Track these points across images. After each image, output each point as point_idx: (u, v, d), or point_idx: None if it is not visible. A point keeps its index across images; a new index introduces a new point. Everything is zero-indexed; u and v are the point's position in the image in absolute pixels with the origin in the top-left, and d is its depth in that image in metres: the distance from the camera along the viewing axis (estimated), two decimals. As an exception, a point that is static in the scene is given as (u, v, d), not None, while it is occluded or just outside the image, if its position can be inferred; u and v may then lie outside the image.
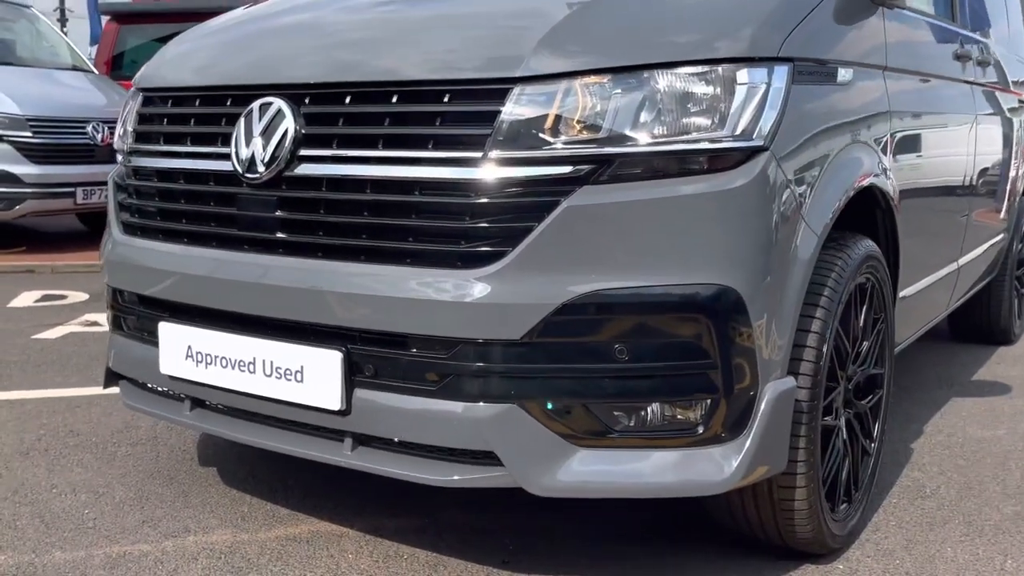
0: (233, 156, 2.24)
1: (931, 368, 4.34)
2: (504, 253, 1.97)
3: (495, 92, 2.01)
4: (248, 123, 2.24)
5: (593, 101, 1.98)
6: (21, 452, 3.13)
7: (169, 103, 2.54)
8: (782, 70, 2.09)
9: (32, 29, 8.85)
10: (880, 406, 2.67)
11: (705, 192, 1.98)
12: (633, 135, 1.97)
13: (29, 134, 7.24)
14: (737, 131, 2.00)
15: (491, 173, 1.98)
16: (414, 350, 2.06)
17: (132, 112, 2.64)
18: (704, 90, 2.00)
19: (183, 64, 2.61)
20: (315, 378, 2.13)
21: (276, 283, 2.19)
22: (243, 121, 2.25)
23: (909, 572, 2.39)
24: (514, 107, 1.99)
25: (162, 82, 2.58)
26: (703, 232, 1.99)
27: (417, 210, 2.04)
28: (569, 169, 1.97)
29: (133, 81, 2.72)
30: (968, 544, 2.54)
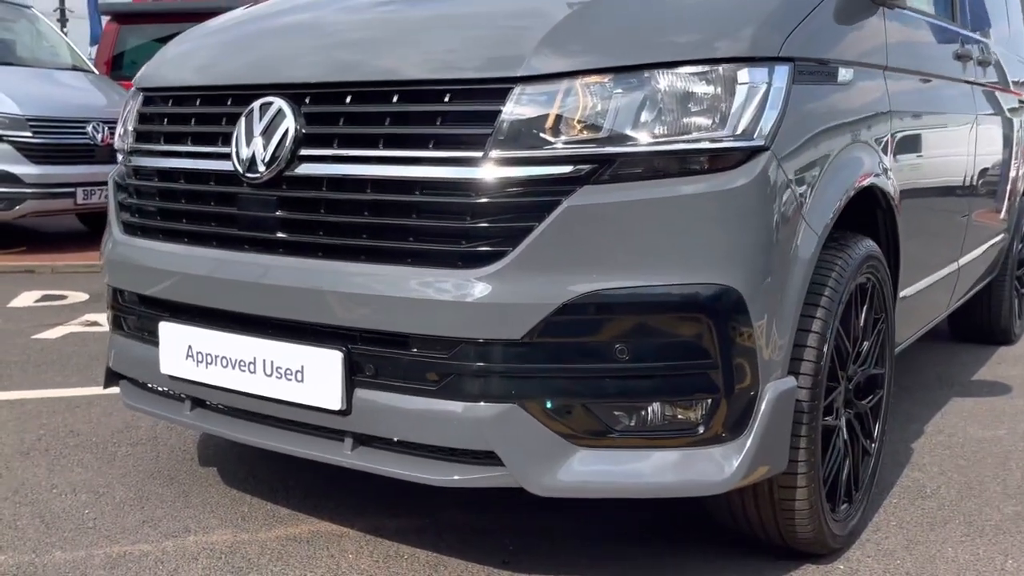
0: (233, 156, 2.24)
1: (932, 368, 4.34)
2: (505, 253, 1.96)
3: (496, 92, 2.01)
4: (249, 123, 2.24)
5: (594, 101, 1.98)
6: (21, 452, 3.13)
7: (170, 103, 2.54)
8: (783, 70, 2.09)
9: (32, 29, 8.85)
10: (880, 406, 2.67)
11: (706, 192, 1.98)
12: (634, 135, 1.97)
13: (29, 134, 7.24)
14: (738, 131, 2.00)
15: (492, 173, 1.98)
16: (415, 350, 2.06)
17: (132, 112, 2.64)
18: (705, 90, 2.00)
19: (184, 64, 2.61)
20: (315, 378, 2.13)
21: (276, 283, 2.19)
22: (244, 121, 2.25)
23: (910, 572, 2.39)
24: (515, 107, 1.98)
25: (163, 82, 2.58)
26: (704, 232, 1.99)
27: (418, 210, 2.04)
28: (570, 169, 1.97)
29: (134, 81, 2.72)
30: (969, 544, 2.54)
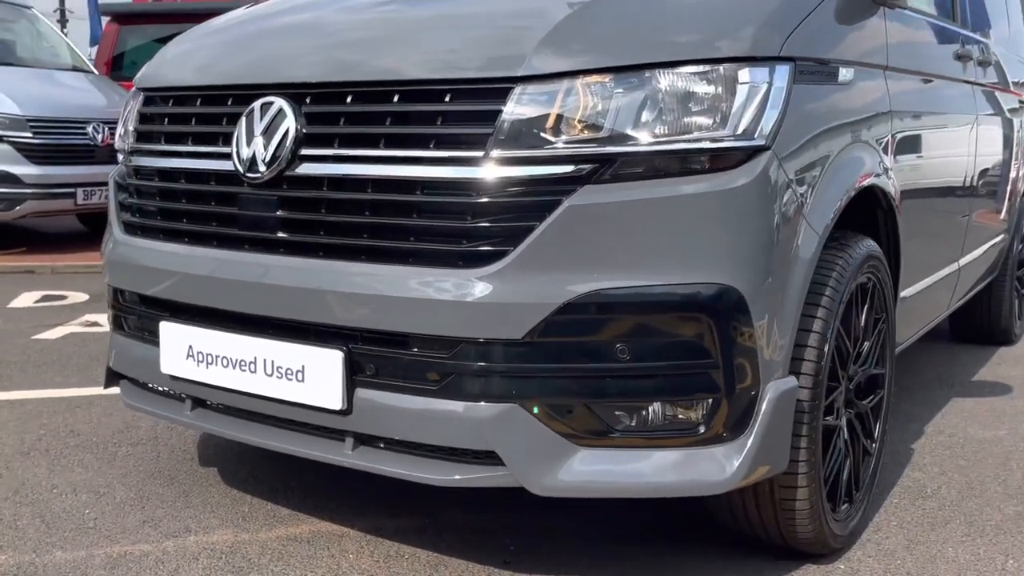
0: (234, 156, 2.24)
1: (932, 368, 4.34)
2: (505, 252, 1.96)
3: (496, 91, 2.01)
4: (249, 123, 2.24)
5: (595, 100, 1.98)
6: (22, 452, 3.12)
7: (170, 103, 2.54)
8: (783, 70, 2.09)
9: (32, 30, 8.85)
10: (881, 406, 2.67)
11: (707, 191, 1.98)
12: (635, 134, 1.97)
13: (29, 135, 7.24)
14: (739, 130, 2.00)
15: (492, 172, 1.98)
16: (415, 350, 2.06)
17: (133, 112, 2.64)
18: (705, 89, 2.00)
19: (184, 64, 2.61)
20: (316, 378, 2.13)
21: (277, 283, 2.19)
22: (244, 121, 2.25)
23: (910, 572, 2.38)
24: (515, 106, 1.98)
25: (163, 82, 2.58)
26: (704, 232, 1.98)
27: (418, 209, 2.04)
28: (571, 168, 1.97)
29: (134, 81, 2.72)
30: (969, 544, 2.54)
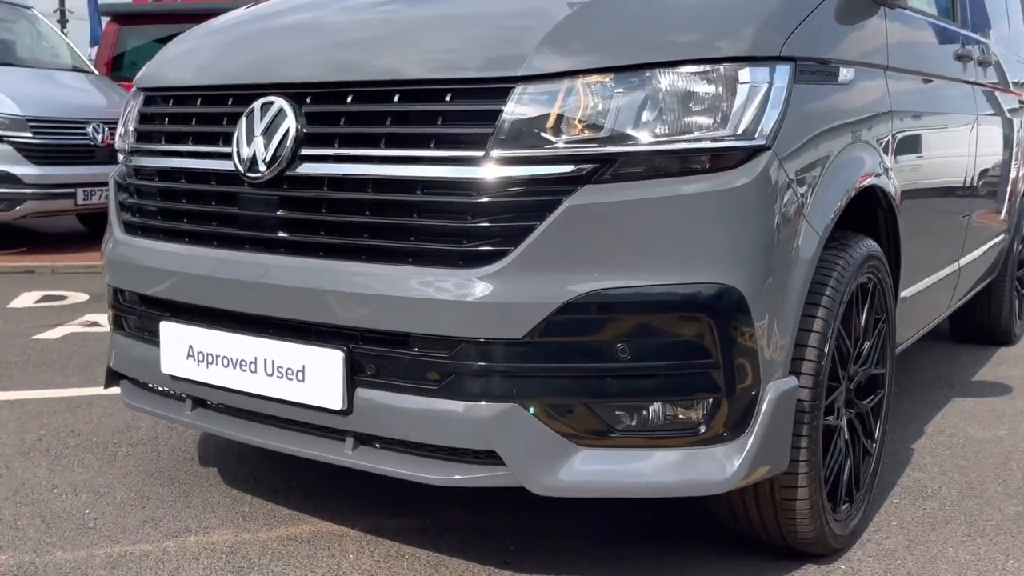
0: (234, 155, 2.24)
1: (932, 368, 4.34)
2: (506, 252, 1.96)
3: (497, 91, 2.01)
4: (249, 122, 2.24)
5: (595, 100, 1.98)
6: (22, 452, 3.12)
7: (170, 103, 2.54)
8: (784, 69, 2.09)
9: (32, 30, 8.85)
10: (881, 406, 2.67)
11: (707, 191, 1.98)
12: (635, 134, 1.97)
13: (29, 135, 7.24)
14: (739, 130, 2.00)
15: (493, 172, 1.98)
16: (415, 349, 2.06)
17: (133, 112, 2.64)
18: (706, 89, 2.00)
19: (184, 64, 2.61)
20: (316, 377, 2.13)
21: (277, 282, 2.19)
22: (244, 120, 2.25)
23: (911, 572, 2.38)
24: (516, 106, 1.98)
25: (163, 81, 2.58)
26: (705, 231, 1.98)
27: (419, 209, 2.04)
28: (571, 168, 1.97)
29: (134, 81, 2.72)
30: (970, 544, 2.54)
